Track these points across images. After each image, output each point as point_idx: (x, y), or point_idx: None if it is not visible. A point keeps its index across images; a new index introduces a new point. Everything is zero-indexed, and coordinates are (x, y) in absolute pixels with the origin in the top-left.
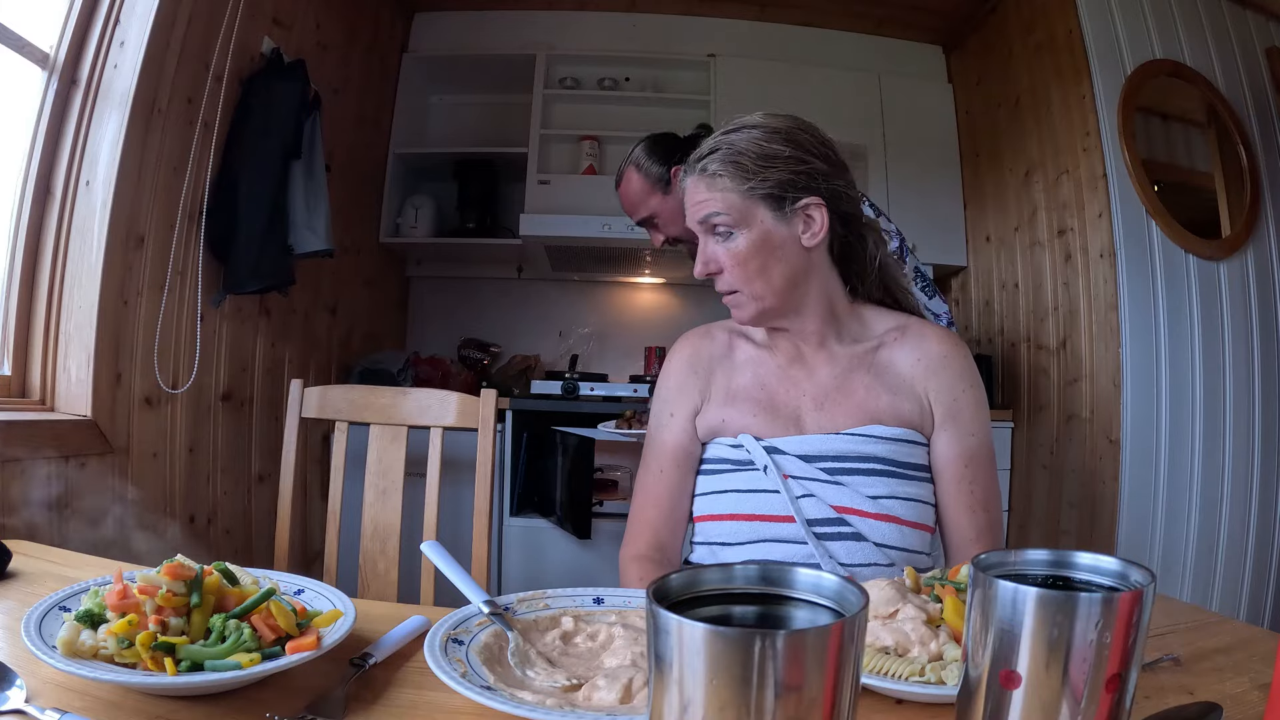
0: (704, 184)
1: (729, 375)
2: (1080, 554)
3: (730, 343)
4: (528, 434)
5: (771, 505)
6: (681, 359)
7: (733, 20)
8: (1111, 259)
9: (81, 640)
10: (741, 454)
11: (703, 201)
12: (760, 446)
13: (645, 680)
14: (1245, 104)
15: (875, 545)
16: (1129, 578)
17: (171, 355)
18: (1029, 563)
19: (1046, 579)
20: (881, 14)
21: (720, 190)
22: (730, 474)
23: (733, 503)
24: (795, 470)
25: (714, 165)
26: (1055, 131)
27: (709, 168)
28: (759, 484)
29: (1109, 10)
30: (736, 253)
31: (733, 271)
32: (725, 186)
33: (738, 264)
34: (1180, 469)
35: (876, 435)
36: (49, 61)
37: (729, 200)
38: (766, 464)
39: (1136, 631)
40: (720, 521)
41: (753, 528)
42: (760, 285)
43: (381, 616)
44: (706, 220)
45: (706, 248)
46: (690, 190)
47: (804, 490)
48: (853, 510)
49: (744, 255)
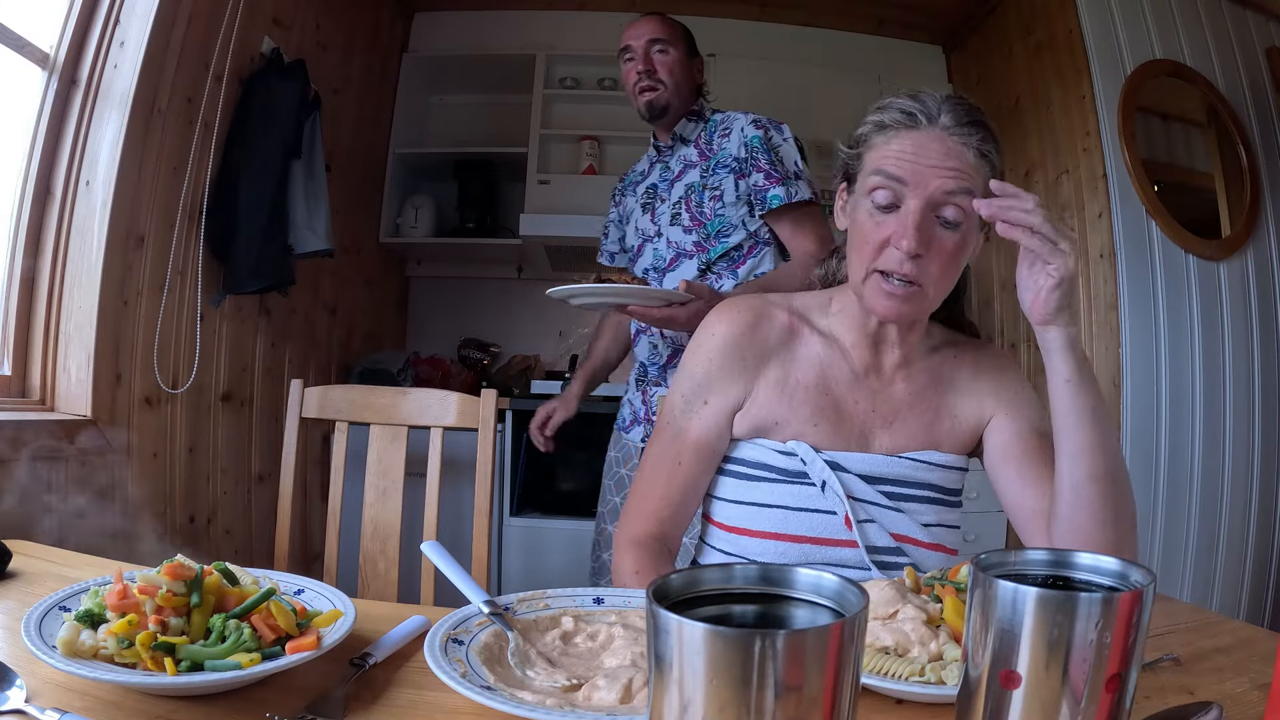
0: (968, 154)
1: (786, 367)
2: (1080, 554)
3: (793, 327)
4: (528, 434)
5: (827, 527)
6: (728, 335)
7: (733, 20)
8: (1111, 259)
9: (81, 640)
10: (793, 463)
11: (959, 171)
12: (820, 459)
13: (645, 680)
14: (1245, 104)
15: None
16: (1129, 578)
17: (171, 355)
18: (1029, 563)
19: (1047, 579)
20: (882, 14)
21: (978, 172)
22: (774, 485)
23: (778, 520)
24: (857, 491)
25: (981, 141)
26: (1055, 131)
27: (973, 140)
28: (811, 501)
29: (1109, 10)
30: (955, 246)
31: (939, 264)
32: (982, 172)
33: (948, 259)
34: (1180, 469)
35: (934, 463)
36: (49, 61)
37: (980, 186)
38: (826, 480)
39: (1136, 631)
40: (762, 539)
41: (803, 551)
42: (945, 287)
43: (381, 616)
44: (952, 196)
45: (925, 224)
46: (938, 149)
47: (866, 515)
48: (909, 540)
49: (958, 253)
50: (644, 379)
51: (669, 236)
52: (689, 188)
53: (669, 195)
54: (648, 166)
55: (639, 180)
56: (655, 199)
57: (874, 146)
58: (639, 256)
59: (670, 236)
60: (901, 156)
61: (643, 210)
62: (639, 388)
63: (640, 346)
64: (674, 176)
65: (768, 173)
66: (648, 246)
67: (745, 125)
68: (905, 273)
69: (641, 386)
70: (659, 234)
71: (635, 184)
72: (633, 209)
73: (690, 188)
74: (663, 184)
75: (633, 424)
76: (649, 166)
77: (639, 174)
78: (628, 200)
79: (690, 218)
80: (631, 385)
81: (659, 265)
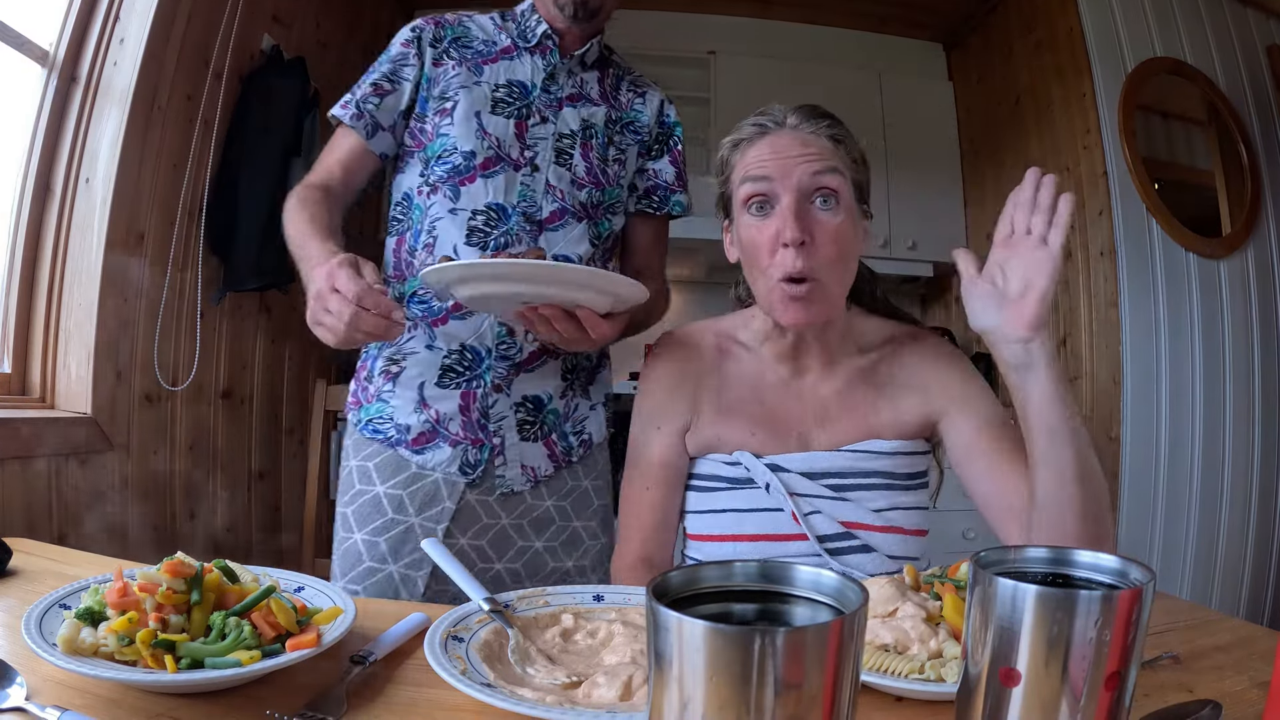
0: (822, 140)
1: (720, 388)
2: (1080, 552)
3: (719, 349)
4: None
5: (776, 524)
6: (666, 370)
7: (733, 17)
8: (1112, 257)
9: (82, 638)
10: (738, 471)
11: (819, 155)
12: (761, 464)
13: (645, 678)
14: (1246, 102)
15: (886, 556)
16: (1129, 575)
17: (171, 352)
18: (1029, 560)
19: (1046, 576)
20: (882, 12)
21: (834, 155)
22: (727, 492)
23: (733, 523)
24: (799, 488)
25: (830, 128)
26: (1056, 129)
27: (823, 129)
28: (760, 502)
29: (1109, 8)
30: (838, 227)
31: (827, 249)
32: (840, 155)
33: (834, 241)
34: (1180, 467)
35: (876, 450)
36: (49, 59)
37: (841, 166)
38: (769, 481)
39: (1136, 629)
40: (721, 543)
41: (757, 548)
42: (842, 275)
43: (381, 614)
44: (819, 176)
45: (802, 212)
46: (793, 142)
47: (811, 508)
48: (859, 525)
49: (843, 233)
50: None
51: (549, 176)
52: (588, 126)
53: (554, 118)
54: (512, 45)
55: (488, 52)
56: (527, 107)
57: (735, 165)
58: (468, 176)
59: (551, 177)
60: (762, 159)
61: (497, 108)
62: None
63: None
64: (564, 96)
65: (679, 171)
66: (503, 172)
67: (666, 104)
68: (799, 269)
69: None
70: (531, 165)
71: (479, 53)
72: (466, 87)
73: (591, 128)
74: (542, 95)
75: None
76: (516, 49)
77: (487, 44)
78: (450, 67)
79: (587, 168)
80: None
81: (531, 213)
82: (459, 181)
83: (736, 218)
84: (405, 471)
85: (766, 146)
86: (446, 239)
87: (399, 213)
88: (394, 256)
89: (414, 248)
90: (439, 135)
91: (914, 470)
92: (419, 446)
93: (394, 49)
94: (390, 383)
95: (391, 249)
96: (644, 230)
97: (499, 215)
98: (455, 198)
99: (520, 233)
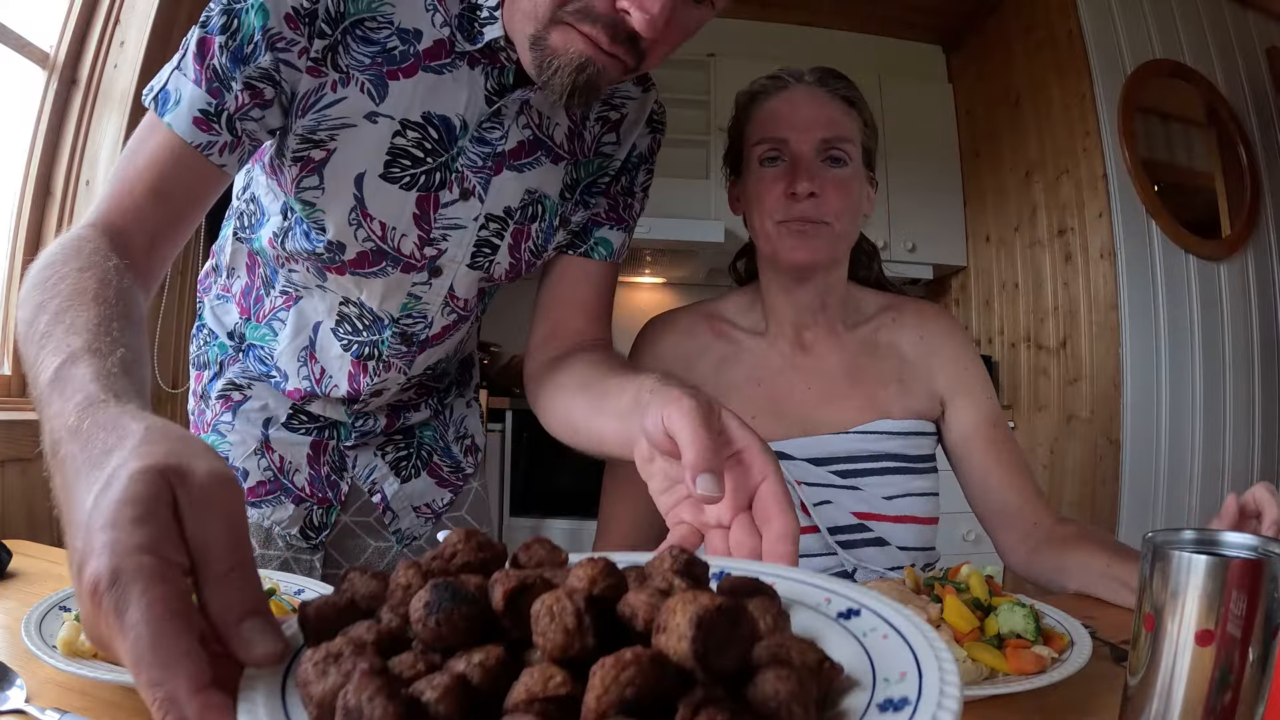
0: (835, 104)
1: (715, 373)
2: (1225, 533)
3: (712, 332)
4: (528, 434)
5: None
6: (654, 356)
7: (733, 19)
8: (1111, 259)
9: (82, 640)
10: None
11: (834, 120)
12: None
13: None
14: (1245, 104)
15: (899, 549)
16: (1270, 549)
17: (171, 355)
18: (1191, 540)
19: (1207, 549)
20: (882, 14)
21: (849, 117)
22: None
23: None
24: (807, 476)
25: (846, 90)
26: (1055, 131)
27: (839, 90)
28: None
29: (1109, 10)
30: (846, 181)
31: (836, 200)
32: (853, 116)
33: (844, 193)
34: (1180, 469)
35: (888, 431)
36: (49, 61)
37: (853, 131)
38: None
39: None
40: None
41: None
42: (849, 223)
43: None
44: (832, 139)
45: (815, 170)
46: (809, 101)
47: (820, 497)
48: (872, 515)
49: (851, 186)
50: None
51: (455, 284)
52: (536, 202)
53: (482, 191)
54: (445, 44)
55: (402, 56)
56: (442, 169)
57: (751, 118)
58: (335, 268)
59: (458, 285)
60: (778, 118)
61: (392, 170)
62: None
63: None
64: (508, 150)
65: (624, 201)
66: (382, 276)
67: (656, 118)
68: (807, 214)
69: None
70: (431, 269)
71: (388, 54)
72: (349, 124)
73: (540, 203)
74: (474, 146)
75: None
76: (449, 52)
77: (404, 37)
78: (332, 80)
79: (512, 264)
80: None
81: (414, 334)
82: (323, 267)
83: (747, 170)
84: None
85: (783, 102)
86: (311, 313)
87: (247, 206)
88: (247, 275)
89: (272, 281)
90: (300, 191)
91: (923, 453)
92: (255, 499)
93: (271, 21)
94: (229, 413)
95: (244, 263)
96: (581, 278)
97: (371, 322)
98: (320, 277)
99: (392, 358)
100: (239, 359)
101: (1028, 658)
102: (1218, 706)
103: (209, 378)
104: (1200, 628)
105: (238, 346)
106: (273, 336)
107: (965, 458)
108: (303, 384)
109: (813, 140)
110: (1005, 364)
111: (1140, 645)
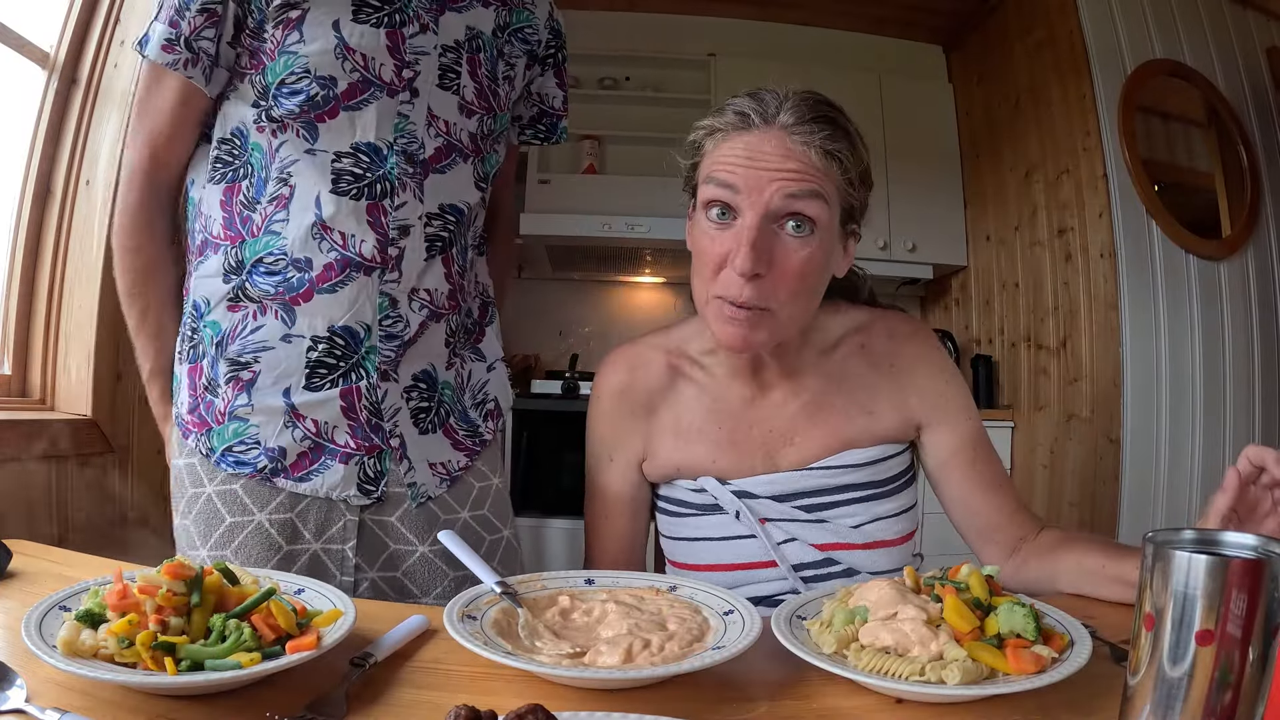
0: (810, 154)
1: (675, 411)
2: (1224, 533)
3: (670, 368)
4: (528, 434)
5: (752, 552)
6: (612, 394)
7: (733, 20)
8: (1112, 259)
9: (82, 640)
10: (706, 498)
11: (804, 174)
12: (728, 491)
13: (643, 645)
14: (1245, 103)
15: (870, 575)
16: (1270, 549)
17: None
18: (1189, 539)
19: (1205, 549)
20: (882, 13)
21: (825, 174)
22: (697, 518)
23: (710, 551)
24: (770, 512)
25: (827, 139)
26: (1055, 131)
27: (816, 138)
28: (733, 529)
29: (1109, 10)
30: (805, 259)
31: (785, 282)
32: (830, 174)
33: (795, 277)
34: (1180, 469)
35: (853, 463)
36: (49, 61)
37: (829, 188)
38: (739, 509)
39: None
40: (703, 573)
41: (733, 578)
42: (801, 310)
43: (381, 616)
44: (794, 200)
45: (763, 239)
46: (775, 146)
47: (785, 535)
48: (839, 545)
49: (810, 266)
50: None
51: (431, 103)
52: (475, 36)
53: (434, 26)
54: None
55: None
56: (402, 9)
57: (707, 154)
58: (328, 110)
59: (435, 105)
60: (734, 161)
61: (361, 13)
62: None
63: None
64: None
65: (566, 94)
66: (373, 101)
67: (553, 8)
68: (745, 299)
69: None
70: (410, 88)
71: None
72: None
73: (478, 38)
74: None
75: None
76: None
77: None
78: None
79: (476, 89)
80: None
81: (413, 152)
82: (315, 117)
83: (697, 213)
84: (281, 494)
85: (742, 145)
86: (307, 188)
87: (227, 153)
88: (223, 210)
89: (256, 199)
90: (282, 53)
91: (895, 473)
92: (302, 472)
93: None
94: (243, 394)
95: (218, 201)
96: (506, 163)
97: (373, 158)
98: (312, 137)
99: (404, 178)
100: (240, 305)
101: (1028, 657)
102: (1218, 706)
103: (209, 365)
104: (1200, 628)
105: (239, 286)
106: (277, 238)
107: (944, 481)
108: (329, 256)
109: (768, 203)
110: (1005, 364)
111: (1140, 645)
